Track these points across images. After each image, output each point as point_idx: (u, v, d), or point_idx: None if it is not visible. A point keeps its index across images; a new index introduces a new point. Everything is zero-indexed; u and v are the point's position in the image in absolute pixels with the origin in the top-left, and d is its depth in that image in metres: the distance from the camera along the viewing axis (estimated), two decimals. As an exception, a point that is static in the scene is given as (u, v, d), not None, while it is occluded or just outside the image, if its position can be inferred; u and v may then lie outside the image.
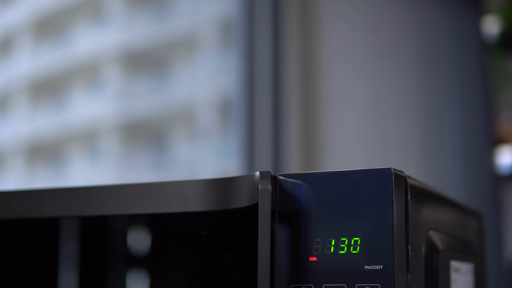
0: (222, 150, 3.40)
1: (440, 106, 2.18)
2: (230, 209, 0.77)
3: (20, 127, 4.90)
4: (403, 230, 0.73)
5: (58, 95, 4.87)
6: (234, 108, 2.62)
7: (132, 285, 0.85)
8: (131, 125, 4.46)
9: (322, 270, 0.73)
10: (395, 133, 2.17)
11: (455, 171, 2.10)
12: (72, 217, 0.87)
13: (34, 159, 4.92)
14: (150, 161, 4.33)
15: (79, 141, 4.82)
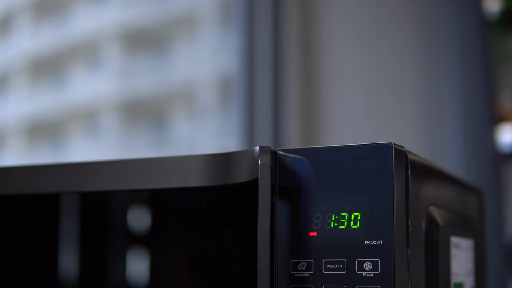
0: (222, 128, 3.40)
1: (440, 84, 2.17)
2: (230, 184, 0.77)
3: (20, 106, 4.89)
4: (403, 205, 0.73)
5: (58, 73, 4.86)
6: (234, 87, 2.61)
7: (132, 261, 0.85)
8: (131, 104, 4.46)
9: (322, 245, 0.73)
10: (395, 111, 2.16)
11: (455, 149, 2.10)
12: (71, 192, 0.87)
13: (34, 137, 4.92)
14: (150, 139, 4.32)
15: (80, 120, 4.82)
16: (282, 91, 2.21)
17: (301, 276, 0.73)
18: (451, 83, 2.13)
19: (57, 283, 0.87)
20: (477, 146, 2.09)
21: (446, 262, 0.83)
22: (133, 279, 0.84)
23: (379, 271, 0.71)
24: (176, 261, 0.80)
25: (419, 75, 2.15)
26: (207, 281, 0.79)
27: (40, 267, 0.90)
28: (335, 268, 0.73)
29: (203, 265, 0.79)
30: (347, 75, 2.17)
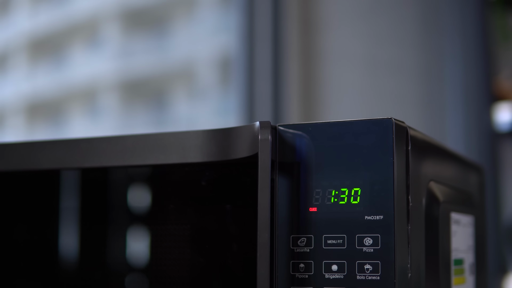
0: (222, 107, 3.40)
1: (440, 62, 2.16)
2: (229, 159, 0.77)
3: (20, 85, 4.88)
4: (404, 180, 0.73)
5: (57, 53, 4.85)
6: (234, 65, 2.61)
7: (132, 237, 0.84)
8: (130, 83, 4.45)
9: (322, 221, 0.73)
10: (394, 90, 2.16)
11: (454, 128, 2.10)
12: (71, 168, 0.87)
13: (34, 117, 4.91)
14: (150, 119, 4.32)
15: (79, 99, 4.82)
16: (281, 69, 2.21)
17: (301, 252, 0.73)
18: (451, 62, 2.13)
19: (58, 259, 0.87)
20: (476, 124, 2.08)
21: (446, 238, 0.83)
22: (133, 255, 0.84)
23: (379, 246, 0.71)
24: (176, 237, 0.80)
25: (418, 53, 2.14)
26: (207, 256, 0.79)
27: (40, 243, 0.90)
28: (335, 244, 0.72)
29: (203, 240, 0.79)
30: (347, 54, 2.17)
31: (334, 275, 0.72)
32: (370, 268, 0.71)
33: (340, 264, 0.72)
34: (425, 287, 0.76)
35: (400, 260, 0.71)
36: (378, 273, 0.71)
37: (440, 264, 0.80)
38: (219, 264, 0.78)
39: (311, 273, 0.73)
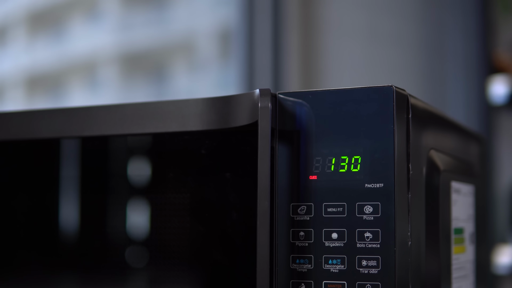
0: (222, 80, 3.39)
1: (440, 34, 2.16)
2: (229, 127, 0.76)
3: (19, 58, 4.87)
4: (404, 148, 0.72)
5: (57, 25, 4.83)
6: (233, 38, 2.60)
7: (131, 206, 0.84)
8: (130, 56, 4.44)
9: (322, 189, 0.73)
10: (394, 61, 2.15)
11: (454, 99, 2.10)
12: (70, 137, 0.86)
13: (33, 90, 4.91)
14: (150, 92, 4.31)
15: (79, 72, 4.80)
16: (281, 42, 2.20)
17: (301, 220, 0.73)
18: (451, 33, 2.12)
19: (57, 228, 0.87)
20: (475, 96, 2.08)
21: (447, 206, 0.83)
22: (133, 224, 0.84)
23: (379, 214, 0.71)
24: (175, 205, 0.80)
25: (419, 25, 2.13)
26: (207, 225, 0.78)
27: (40, 212, 0.89)
28: (335, 212, 0.72)
29: (202, 209, 0.79)
30: (347, 24, 2.16)
31: (334, 243, 0.72)
32: (370, 236, 0.71)
33: (340, 232, 0.72)
34: (425, 255, 0.76)
35: (400, 228, 0.71)
36: (378, 241, 0.70)
37: (440, 233, 0.80)
38: (219, 233, 0.78)
39: (311, 241, 0.73)
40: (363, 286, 0.71)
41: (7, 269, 0.91)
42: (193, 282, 0.80)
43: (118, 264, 0.85)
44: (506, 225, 2.22)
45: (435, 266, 0.79)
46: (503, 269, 2.13)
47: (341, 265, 0.72)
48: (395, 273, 0.70)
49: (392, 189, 0.71)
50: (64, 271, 0.88)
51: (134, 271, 0.84)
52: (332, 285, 0.72)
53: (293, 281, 0.73)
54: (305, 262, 0.73)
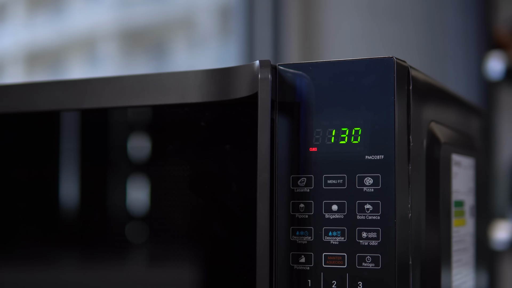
0: (222, 56, 3.38)
1: (440, 9, 2.15)
2: (229, 99, 0.76)
3: (19, 35, 4.86)
4: (405, 120, 0.72)
5: (56, 1, 4.81)
6: (233, 14, 2.59)
7: (131, 178, 0.84)
8: (130, 32, 4.43)
9: (323, 161, 0.73)
10: (394, 36, 2.14)
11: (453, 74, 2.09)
12: (70, 110, 0.86)
13: (33, 66, 4.89)
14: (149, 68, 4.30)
15: (78, 49, 4.79)
16: (281, 17, 2.19)
17: (301, 192, 0.73)
18: (451, 9, 2.11)
19: (57, 201, 0.87)
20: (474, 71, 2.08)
21: (447, 179, 0.83)
22: (133, 196, 0.83)
23: (379, 186, 0.70)
24: (175, 178, 0.80)
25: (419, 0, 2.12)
26: (207, 197, 0.78)
27: (40, 186, 0.89)
28: (335, 184, 0.72)
29: (202, 181, 0.79)
30: (347, 0, 2.15)
31: (334, 215, 0.72)
32: (370, 208, 0.71)
33: (340, 204, 0.72)
34: (425, 227, 0.76)
35: (400, 200, 0.70)
36: (378, 212, 0.70)
37: (441, 205, 0.80)
38: (219, 205, 0.78)
39: (311, 213, 0.73)
40: (363, 258, 0.71)
41: (6, 244, 0.91)
42: (193, 254, 0.80)
43: (118, 238, 0.85)
44: (506, 200, 2.22)
45: (435, 239, 0.79)
46: (502, 245, 2.13)
47: (341, 237, 0.72)
48: (395, 245, 0.70)
49: (393, 161, 0.70)
50: (63, 246, 0.88)
51: (134, 245, 0.84)
52: (332, 257, 0.72)
53: (293, 253, 0.73)
54: (305, 234, 0.73)
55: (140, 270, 0.84)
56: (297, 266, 0.73)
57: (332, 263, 0.72)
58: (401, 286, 0.70)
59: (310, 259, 0.73)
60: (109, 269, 0.85)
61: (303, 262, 0.73)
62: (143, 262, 0.84)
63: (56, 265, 0.88)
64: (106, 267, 0.85)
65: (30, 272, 0.89)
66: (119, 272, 0.85)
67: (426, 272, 0.76)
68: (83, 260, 0.87)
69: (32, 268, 0.89)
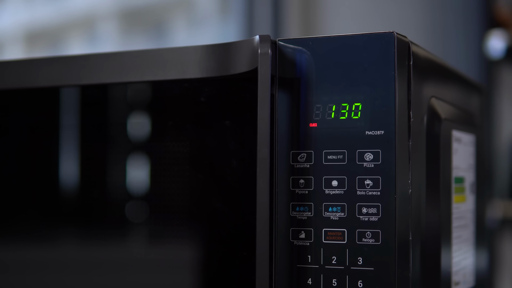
0: (221, 36, 3.37)
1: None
2: (229, 75, 0.76)
3: (18, 14, 4.84)
4: (405, 95, 0.72)
5: (55, -19, 4.79)
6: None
7: (131, 154, 0.84)
8: (129, 12, 4.41)
9: (323, 136, 0.73)
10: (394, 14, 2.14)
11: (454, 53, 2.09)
12: (69, 86, 0.86)
13: (33, 45, 4.88)
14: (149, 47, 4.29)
15: (78, 28, 4.78)
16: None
17: (301, 167, 0.73)
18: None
19: (57, 177, 0.87)
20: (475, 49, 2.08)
21: (447, 155, 0.83)
22: (133, 172, 0.83)
23: (379, 161, 0.70)
24: (175, 153, 0.80)
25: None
26: (206, 173, 0.78)
27: (39, 162, 0.89)
28: (336, 159, 0.72)
29: (202, 157, 0.78)
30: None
31: (334, 190, 0.72)
32: (370, 184, 0.71)
33: (340, 179, 0.72)
34: (426, 203, 0.76)
35: (400, 176, 0.70)
36: (378, 188, 0.70)
37: (441, 181, 0.80)
38: (219, 181, 0.78)
39: (311, 189, 0.73)
40: (363, 233, 0.71)
41: (6, 223, 0.90)
42: (193, 230, 0.80)
43: (117, 215, 0.85)
44: (506, 179, 2.22)
45: (435, 215, 0.79)
46: (502, 223, 2.13)
47: (341, 212, 0.72)
48: (395, 220, 0.70)
49: (393, 137, 0.70)
50: (63, 224, 0.88)
51: (134, 222, 0.84)
52: (332, 232, 0.72)
53: (293, 229, 0.73)
54: (305, 210, 0.73)
55: (140, 248, 0.84)
56: (297, 241, 0.73)
57: (332, 238, 0.72)
58: (401, 261, 0.70)
59: (310, 235, 0.73)
60: (109, 246, 0.85)
61: (303, 237, 0.73)
62: (143, 239, 0.84)
63: (56, 243, 0.88)
64: (106, 245, 0.85)
65: (30, 250, 0.89)
66: (119, 249, 0.85)
67: (426, 248, 0.76)
68: (83, 238, 0.87)
69: (32, 246, 0.89)
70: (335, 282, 0.71)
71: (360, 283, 0.70)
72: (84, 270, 0.85)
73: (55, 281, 0.86)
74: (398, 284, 0.69)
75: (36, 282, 0.87)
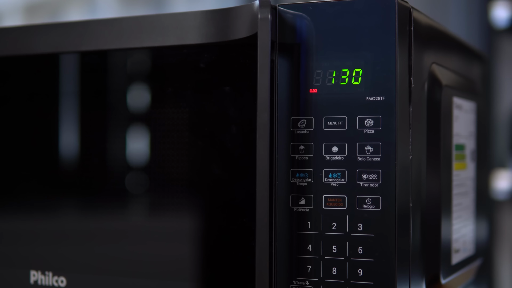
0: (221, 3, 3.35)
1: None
2: (228, 40, 0.75)
3: (16, -14, 4.82)
4: (406, 61, 0.71)
5: (54, -48, 4.77)
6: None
7: (130, 121, 0.84)
8: (129, -17, 4.39)
9: (323, 102, 0.72)
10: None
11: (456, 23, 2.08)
12: (68, 52, 0.85)
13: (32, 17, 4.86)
14: (149, 19, 4.27)
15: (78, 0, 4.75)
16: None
17: (301, 134, 0.73)
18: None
19: (57, 145, 0.87)
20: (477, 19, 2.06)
21: (448, 122, 0.82)
22: (132, 139, 0.83)
23: (380, 127, 0.70)
24: (174, 120, 0.79)
25: None
26: (206, 139, 0.78)
27: (38, 130, 0.89)
28: (336, 125, 0.72)
29: (202, 123, 0.78)
30: None
31: (335, 156, 0.72)
32: (371, 150, 0.70)
33: (341, 145, 0.71)
34: (426, 169, 0.75)
35: (401, 142, 0.70)
36: (379, 154, 0.70)
37: (441, 148, 0.80)
38: (218, 147, 0.77)
39: (311, 155, 0.72)
40: (363, 199, 0.70)
41: (5, 193, 0.90)
42: (193, 197, 0.79)
43: (117, 183, 0.84)
44: (506, 149, 2.22)
45: (435, 181, 0.79)
46: (502, 194, 2.13)
47: (341, 179, 0.71)
48: (395, 186, 0.69)
49: (393, 102, 0.70)
50: (63, 193, 0.87)
51: (134, 190, 0.83)
52: (332, 199, 0.72)
53: (293, 195, 0.73)
54: (305, 176, 0.73)
55: (140, 217, 0.84)
56: (297, 208, 0.73)
57: (332, 205, 0.72)
58: (401, 227, 0.70)
59: (310, 201, 0.72)
60: (108, 216, 0.85)
61: (303, 204, 0.73)
62: (142, 209, 0.83)
63: (56, 213, 0.88)
64: (106, 215, 0.85)
65: (29, 220, 0.89)
66: (119, 219, 0.84)
67: (426, 215, 0.75)
68: (83, 207, 0.87)
69: (32, 216, 0.89)
70: (335, 248, 0.71)
71: (360, 249, 0.70)
72: (84, 240, 0.85)
73: (54, 252, 0.86)
74: (398, 250, 0.69)
75: (34, 252, 0.87)
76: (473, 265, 0.95)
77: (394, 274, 0.69)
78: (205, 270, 0.78)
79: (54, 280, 0.85)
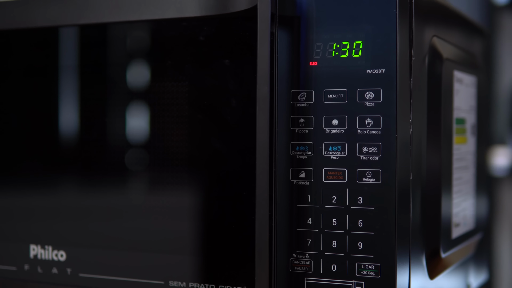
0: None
1: None
2: (228, 13, 0.75)
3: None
4: (407, 34, 0.71)
5: None
6: None
7: (130, 95, 0.83)
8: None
9: (323, 75, 0.72)
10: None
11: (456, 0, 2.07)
12: (67, 25, 0.85)
13: None
14: None
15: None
16: None
17: (301, 107, 0.72)
18: None
19: (56, 120, 0.87)
20: None
21: (449, 95, 0.82)
22: (132, 112, 0.83)
23: (380, 100, 0.70)
24: (174, 94, 0.79)
25: None
26: (206, 113, 0.78)
27: (37, 103, 0.88)
28: (336, 98, 0.71)
29: (201, 97, 0.78)
30: None
31: (335, 129, 0.71)
32: (371, 123, 0.70)
33: (341, 118, 0.71)
34: (426, 143, 0.75)
35: (401, 115, 0.70)
36: (379, 127, 0.70)
37: (442, 121, 0.79)
38: (218, 120, 0.77)
39: (311, 128, 0.72)
40: (363, 173, 0.70)
41: (4, 169, 0.90)
42: (192, 172, 0.79)
43: (117, 158, 0.84)
44: (506, 126, 2.22)
45: (436, 155, 0.78)
46: (501, 171, 2.13)
47: (342, 152, 0.71)
48: (396, 159, 0.69)
49: (394, 75, 0.69)
50: (63, 169, 0.87)
51: (132, 166, 0.83)
52: (332, 172, 0.72)
53: (293, 169, 0.73)
54: (305, 149, 0.72)
55: (139, 194, 0.83)
56: (297, 181, 0.73)
57: (332, 178, 0.71)
58: (402, 201, 0.70)
59: (310, 174, 0.72)
60: (107, 193, 0.85)
61: (303, 177, 0.72)
62: (141, 185, 0.83)
63: (55, 189, 0.88)
64: (104, 192, 0.85)
65: (27, 196, 0.89)
66: (117, 195, 0.84)
67: (426, 188, 0.75)
68: (82, 184, 0.87)
69: (30, 193, 0.88)
70: (335, 222, 0.71)
71: (360, 223, 0.70)
72: (81, 216, 0.85)
73: (52, 228, 0.86)
74: (398, 223, 0.69)
75: (32, 229, 0.87)
76: (473, 239, 0.95)
77: (394, 247, 0.69)
78: (205, 244, 0.78)
79: (53, 254, 0.85)
